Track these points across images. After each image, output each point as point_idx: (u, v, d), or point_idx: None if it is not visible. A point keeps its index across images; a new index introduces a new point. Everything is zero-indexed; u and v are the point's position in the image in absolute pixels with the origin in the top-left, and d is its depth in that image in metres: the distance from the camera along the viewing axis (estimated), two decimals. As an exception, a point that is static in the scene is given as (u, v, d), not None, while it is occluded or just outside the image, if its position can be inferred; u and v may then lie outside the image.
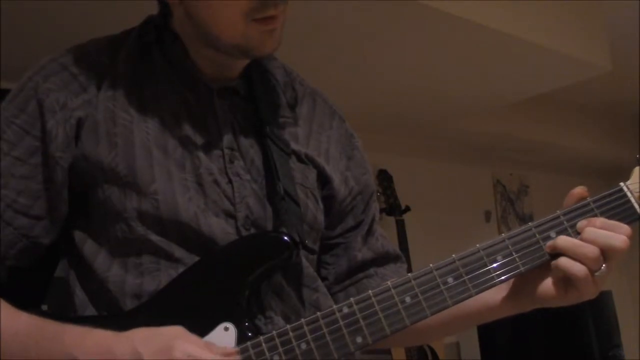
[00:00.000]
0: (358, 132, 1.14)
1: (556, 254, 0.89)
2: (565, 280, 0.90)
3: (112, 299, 0.93)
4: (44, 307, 1.03)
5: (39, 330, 0.86)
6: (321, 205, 1.04)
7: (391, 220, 3.58)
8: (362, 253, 1.10)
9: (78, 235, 0.97)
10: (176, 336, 0.82)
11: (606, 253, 0.88)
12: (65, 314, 0.97)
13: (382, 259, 1.12)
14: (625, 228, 0.89)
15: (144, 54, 1.00)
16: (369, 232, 1.11)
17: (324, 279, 1.09)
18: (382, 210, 3.59)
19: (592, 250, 0.87)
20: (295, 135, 1.04)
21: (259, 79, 1.04)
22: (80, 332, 0.85)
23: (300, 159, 1.03)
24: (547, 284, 0.92)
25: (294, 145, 1.03)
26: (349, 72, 3.03)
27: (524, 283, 0.94)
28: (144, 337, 0.82)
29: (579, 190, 0.93)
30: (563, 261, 0.88)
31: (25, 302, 1.00)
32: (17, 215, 0.93)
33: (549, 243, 0.90)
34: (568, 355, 3.70)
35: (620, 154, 4.88)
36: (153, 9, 1.03)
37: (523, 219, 4.90)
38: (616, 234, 0.87)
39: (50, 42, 1.58)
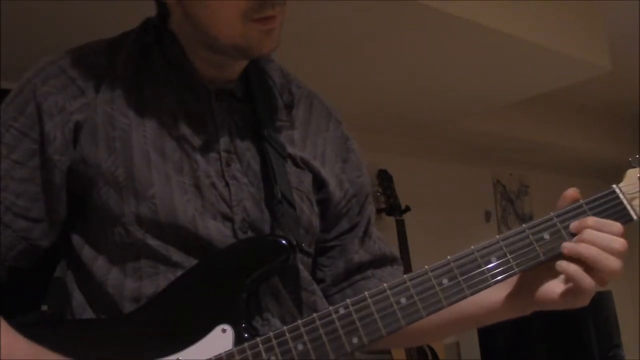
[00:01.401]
0: (358, 132, 1.15)
1: (551, 256, 0.91)
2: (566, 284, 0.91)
3: (111, 302, 0.93)
4: (44, 308, 1.03)
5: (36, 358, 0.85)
6: (316, 209, 1.05)
7: (391, 220, 3.58)
8: (359, 255, 1.10)
9: (76, 239, 0.97)
10: None
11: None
12: (63, 315, 0.97)
13: (379, 261, 1.12)
14: (617, 226, 0.90)
15: (144, 54, 1.00)
16: (365, 234, 1.12)
17: (320, 281, 1.09)
18: (382, 210, 3.59)
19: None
20: (292, 139, 1.05)
21: (257, 81, 1.04)
22: None
23: (295, 163, 1.03)
24: (547, 288, 0.93)
25: (289, 149, 1.03)
26: (348, 72, 3.03)
27: (522, 286, 0.95)
28: None
29: (572, 192, 0.94)
30: (572, 268, 0.89)
31: (25, 302, 1.00)
32: (16, 218, 0.93)
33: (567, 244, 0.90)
34: (568, 356, 3.70)
35: (620, 154, 4.87)
36: (153, 9, 1.03)
37: (523, 219, 4.90)
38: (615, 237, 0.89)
39: (50, 42, 1.59)
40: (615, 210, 0.91)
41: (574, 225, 0.91)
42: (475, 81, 3.28)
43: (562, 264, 0.90)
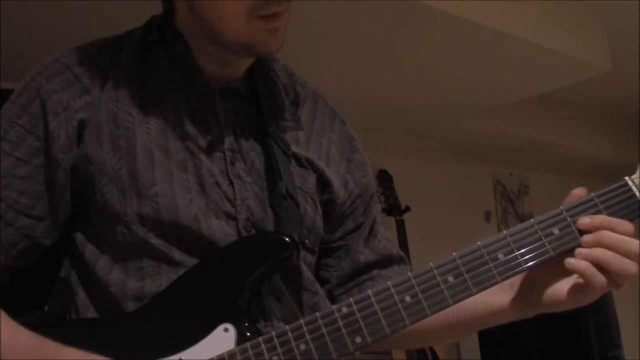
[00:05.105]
0: (358, 132, 1.14)
1: (561, 252, 0.89)
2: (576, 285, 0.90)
3: (113, 301, 0.93)
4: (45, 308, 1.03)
5: (38, 351, 0.85)
6: (320, 210, 1.04)
7: (391, 220, 3.58)
8: (365, 255, 1.09)
9: (79, 238, 0.97)
10: None
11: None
12: (67, 315, 0.97)
13: (385, 261, 1.11)
14: (629, 225, 0.87)
15: (147, 53, 0.99)
16: (371, 233, 1.11)
17: (325, 281, 1.09)
18: (382, 210, 3.59)
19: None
20: (296, 138, 1.04)
21: (262, 79, 1.04)
22: (81, 355, 0.84)
23: (300, 162, 1.02)
24: (555, 289, 0.91)
25: (294, 149, 1.02)
26: (348, 72, 3.04)
27: (528, 286, 0.94)
28: None
29: (579, 191, 0.91)
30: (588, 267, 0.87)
31: (28, 302, 1.00)
32: (19, 216, 0.93)
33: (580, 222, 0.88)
34: (568, 355, 3.70)
35: (621, 154, 4.89)
36: (155, 8, 1.02)
37: (523, 219, 4.87)
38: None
39: (50, 42, 1.59)
40: (627, 203, 0.89)
41: (583, 222, 0.88)
42: (475, 81, 3.28)
43: (572, 261, 0.87)
